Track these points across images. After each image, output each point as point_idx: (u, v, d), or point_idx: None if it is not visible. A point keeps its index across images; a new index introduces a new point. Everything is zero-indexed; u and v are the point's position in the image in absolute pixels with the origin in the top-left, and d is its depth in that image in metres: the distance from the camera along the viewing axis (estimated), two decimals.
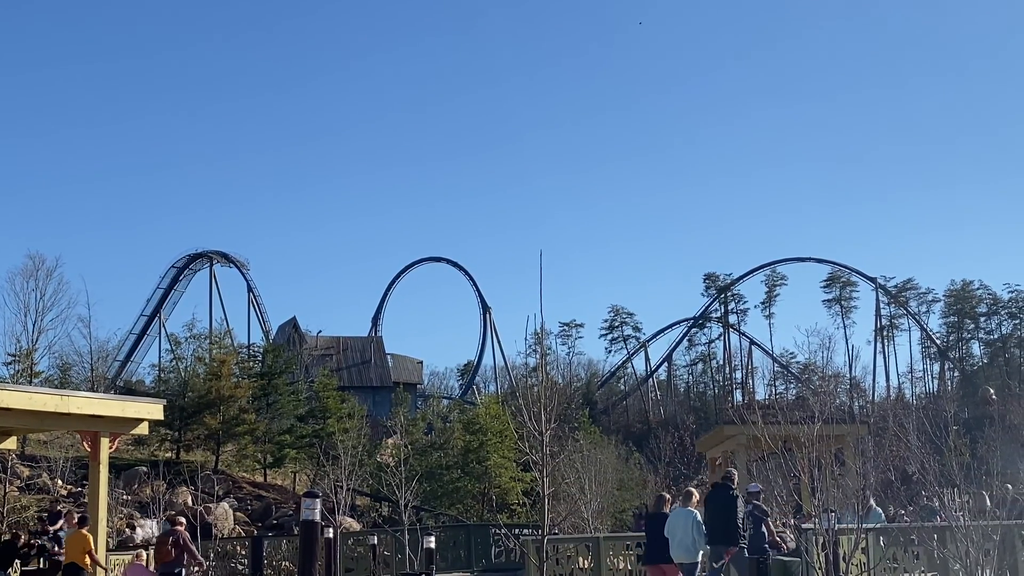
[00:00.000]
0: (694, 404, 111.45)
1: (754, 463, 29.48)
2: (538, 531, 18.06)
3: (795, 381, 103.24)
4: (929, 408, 58.74)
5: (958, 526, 15.55)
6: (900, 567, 18.38)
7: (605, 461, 44.08)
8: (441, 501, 54.59)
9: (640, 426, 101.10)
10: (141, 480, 51.73)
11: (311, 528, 14.75)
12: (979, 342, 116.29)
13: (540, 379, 18.77)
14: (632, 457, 69.60)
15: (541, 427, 15.27)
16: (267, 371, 61.02)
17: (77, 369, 64.19)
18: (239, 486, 55.97)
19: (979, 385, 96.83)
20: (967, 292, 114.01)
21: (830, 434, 17.24)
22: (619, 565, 20.07)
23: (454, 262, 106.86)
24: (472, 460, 55.80)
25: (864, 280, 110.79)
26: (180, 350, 63.73)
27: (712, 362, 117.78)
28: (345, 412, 58.46)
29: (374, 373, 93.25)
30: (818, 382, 59.38)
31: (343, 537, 35.09)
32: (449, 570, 34.73)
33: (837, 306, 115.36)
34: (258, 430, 56.15)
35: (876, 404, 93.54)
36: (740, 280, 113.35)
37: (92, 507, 19.91)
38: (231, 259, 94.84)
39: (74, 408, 18.97)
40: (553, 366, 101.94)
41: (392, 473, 33.49)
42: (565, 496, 30.93)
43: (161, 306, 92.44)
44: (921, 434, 17.43)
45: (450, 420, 69.91)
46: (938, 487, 16.44)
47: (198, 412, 55.71)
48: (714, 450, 37.23)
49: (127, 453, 56.00)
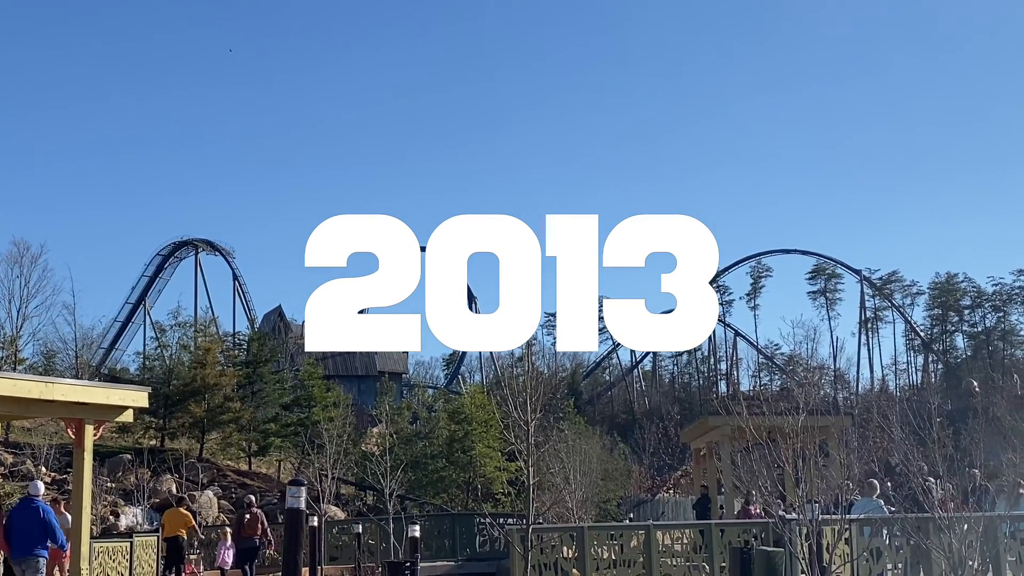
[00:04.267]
0: (679, 395, 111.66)
1: (738, 454, 29.55)
2: (523, 520, 18.09)
3: (780, 372, 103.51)
4: (913, 400, 59.09)
5: (941, 517, 15.62)
6: (884, 558, 18.47)
7: (590, 451, 44.09)
8: (426, 490, 54.60)
9: (625, 416, 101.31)
10: (125, 468, 51.63)
11: (296, 516, 14.74)
12: (963, 335, 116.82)
13: (525, 369, 18.78)
14: (617, 447, 69.81)
15: (526, 417, 15.31)
16: (252, 359, 60.87)
17: (61, 356, 63.98)
18: (224, 474, 55.86)
19: (963, 377, 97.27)
20: (951, 285, 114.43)
21: (814, 425, 17.31)
22: (603, 555, 20.08)
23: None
24: (457, 449, 55.82)
25: (849, 272, 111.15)
26: (165, 338, 63.47)
27: (697, 353, 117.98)
28: (330, 401, 58.39)
29: (359, 362, 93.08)
30: (803, 373, 59.69)
31: (328, 526, 35.14)
32: (434, 559, 34.81)
33: (822, 298, 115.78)
34: (243, 418, 56.03)
35: (860, 396, 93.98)
36: (725, 271, 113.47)
37: (76, 495, 19.80)
38: (217, 247, 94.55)
39: (58, 395, 18.85)
40: (539, 356, 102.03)
41: (377, 462, 33.51)
42: (550, 486, 30.95)
43: (146, 294, 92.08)
44: (905, 426, 17.52)
45: (435, 409, 69.83)
46: (922, 478, 16.50)
47: (183, 400, 55.53)
48: (698, 441, 37.29)
49: (111, 441, 55.81)
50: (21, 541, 16.43)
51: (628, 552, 20.17)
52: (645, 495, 66.84)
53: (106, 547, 25.74)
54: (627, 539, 20.59)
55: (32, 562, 16.48)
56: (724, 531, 20.50)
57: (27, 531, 16.47)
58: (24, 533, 16.47)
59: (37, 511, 16.77)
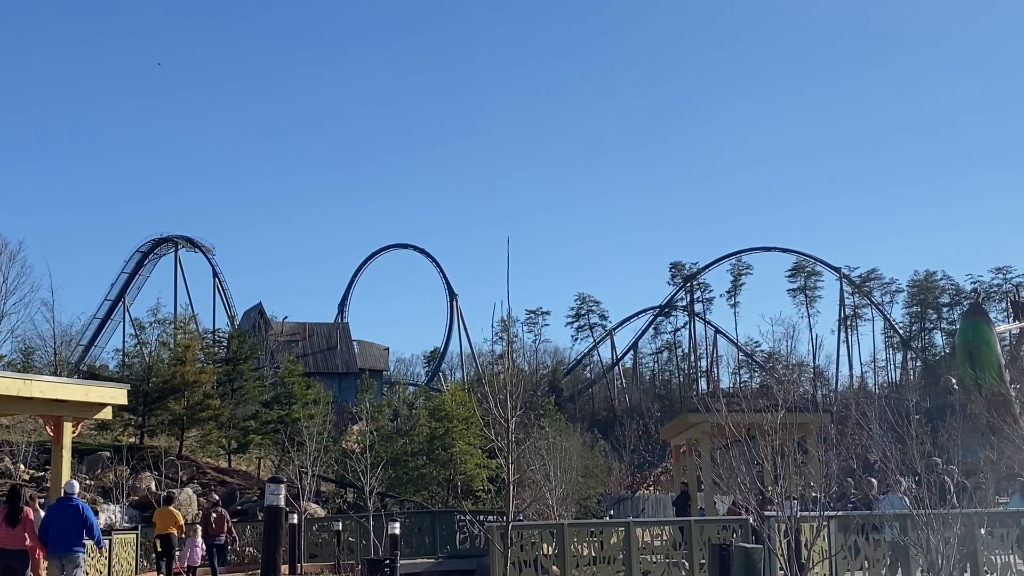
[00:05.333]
0: (659, 392, 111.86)
1: (718, 451, 29.63)
2: (503, 518, 18.08)
3: (759, 369, 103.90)
4: (891, 397, 59.31)
5: (919, 514, 15.69)
6: (862, 555, 18.54)
7: (570, 448, 44.14)
8: (406, 487, 54.56)
9: (605, 413, 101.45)
10: (104, 465, 51.45)
11: (275, 514, 14.75)
12: (941, 332, 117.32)
13: (506, 366, 18.76)
14: (597, 444, 69.92)
15: (507, 414, 15.28)
16: (232, 356, 60.73)
17: (40, 353, 63.81)
18: (203, 471, 55.72)
19: (941, 374, 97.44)
20: (930, 283, 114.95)
21: (793, 422, 17.35)
22: (583, 552, 20.09)
23: (421, 249, 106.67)
24: (438, 447, 55.79)
25: (828, 270, 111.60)
26: (144, 335, 63.22)
27: (677, 350, 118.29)
28: (310, 398, 58.31)
29: (340, 359, 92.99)
30: (782, 371, 59.86)
31: (308, 523, 35.10)
32: (414, 556, 34.77)
33: (802, 295, 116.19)
34: (223, 416, 55.88)
35: (839, 393, 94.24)
36: (706, 269, 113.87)
37: (55, 492, 19.74)
38: (197, 244, 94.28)
39: (37, 392, 18.80)
40: (519, 353, 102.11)
41: (357, 459, 33.45)
42: (530, 483, 30.94)
43: (125, 291, 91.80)
44: (883, 423, 17.55)
45: (416, 407, 69.83)
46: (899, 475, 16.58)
47: (162, 397, 55.36)
48: (678, 438, 37.38)
49: (90, 438, 55.64)
50: (61, 537, 16.90)
51: (608, 549, 20.18)
52: (625, 492, 66.98)
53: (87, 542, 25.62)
54: (607, 536, 20.58)
55: (73, 557, 16.89)
56: (704, 528, 20.56)
57: (66, 528, 16.95)
58: (63, 530, 16.94)
59: (76, 509, 17.17)
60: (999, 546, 18.47)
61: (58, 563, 16.94)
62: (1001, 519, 18.88)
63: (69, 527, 16.98)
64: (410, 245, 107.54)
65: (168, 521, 26.76)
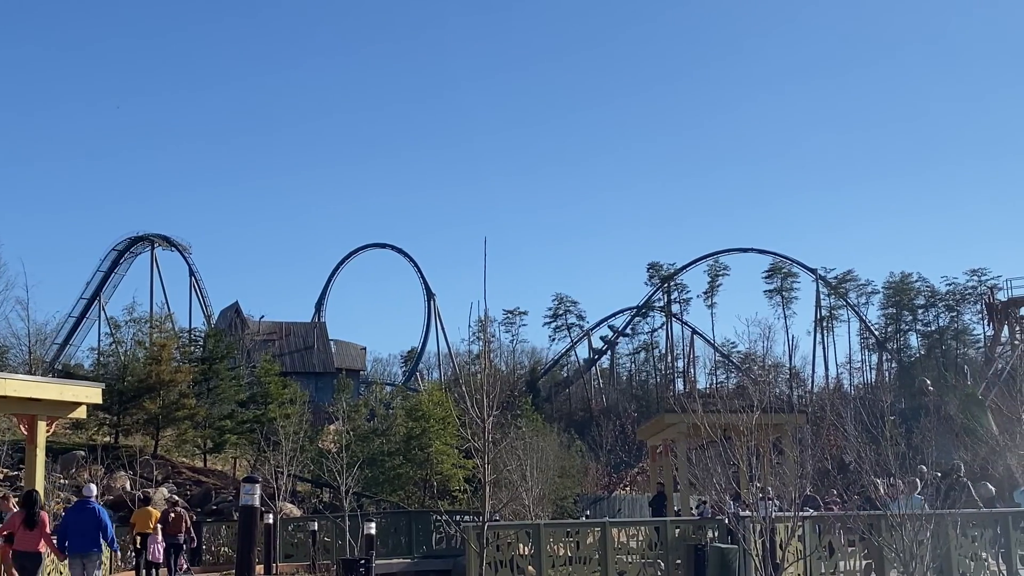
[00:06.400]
0: (636, 392, 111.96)
1: (694, 451, 29.72)
2: (479, 518, 18.09)
3: (736, 370, 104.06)
4: (866, 398, 59.50)
5: (892, 515, 15.77)
6: (836, 555, 18.63)
7: (547, 448, 44.24)
8: (383, 487, 54.44)
9: (582, 414, 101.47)
10: (79, 464, 51.12)
11: (251, 513, 14.72)
12: (916, 334, 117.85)
13: (483, 366, 18.77)
14: (574, 444, 70.00)
15: (483, 414, 15.29)
16: (208, 356, 60.43)
17: (14, 352, 63.36)
18: (178, 471, 55.47)
19: (916, 376, 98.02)
20: (905, 284, 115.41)
21: (769, 423, 17.47)
22: (559, 552, 20.13)
23: (399, 248, 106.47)
24: (414, 447, 55.67)
25: (805, 271, 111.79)
26: (120, 334, 62.78)
27: (654, 351, 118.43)
28: (287, 398, 58.08)
29: (317, 359, 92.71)
30: (758, 371, 60.01)
31: (283, 523, 35.00)
32: (390, 556, 34.74)
33: (778, 296, 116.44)
34: (198, 415, 55.63)
35: (815, 394, 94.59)
36: (683, 270, 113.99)
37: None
38: (173, 243, 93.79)
39: (10, 391, 18.69)
40: (497, 353, 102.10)
41: (333, 459, 33.39)
42: (506, 483, 30.98)
43: (101, 289, 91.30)
44: (858, 424, 17.64)
45: (393, 407, 69.66)
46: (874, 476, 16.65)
47: (137, 396, 55.04)
48: (655, 438, 37.46)
49: (65, 437, 55.30)
50: (80, 538, 17.63)
51: (584, 549, 20.23)
52: (602, 492, 67.09)
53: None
54: (583, 536, 20.63)
55: (93, 557, 17.64)
56: (679, 528, 20.63)
57: (86, 530, 17.69)
58: (82, 532, 17.67)
59: (94, 511, 17.90)
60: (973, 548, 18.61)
61: (79, 563, 17.63)
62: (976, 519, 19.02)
63: (88, 529, 17.68)
64: (388, 245, 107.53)
65: (147, 520, 27.05)
